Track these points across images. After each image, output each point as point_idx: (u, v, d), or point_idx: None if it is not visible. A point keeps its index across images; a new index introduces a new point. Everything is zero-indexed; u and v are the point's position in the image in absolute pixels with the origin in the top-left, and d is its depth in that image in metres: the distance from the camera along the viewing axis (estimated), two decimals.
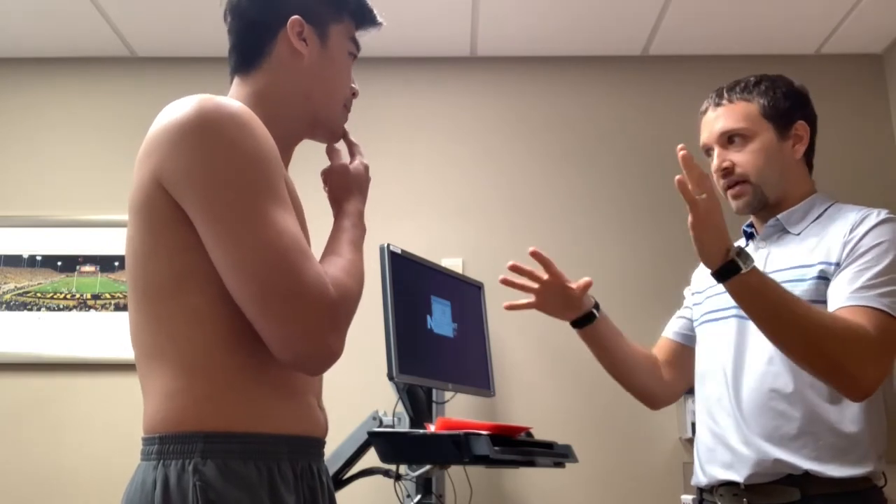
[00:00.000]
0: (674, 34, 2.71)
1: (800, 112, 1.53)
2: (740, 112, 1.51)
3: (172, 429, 0.97)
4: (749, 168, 1.50)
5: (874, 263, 1.36)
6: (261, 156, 0.99)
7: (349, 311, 1.03)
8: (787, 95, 1.53)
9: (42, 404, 2.55)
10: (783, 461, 1.37)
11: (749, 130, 1.50)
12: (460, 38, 2.74)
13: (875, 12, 2.57)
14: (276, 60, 1.15)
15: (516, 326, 2.59)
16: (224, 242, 0.96)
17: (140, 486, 0.96)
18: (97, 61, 2.85)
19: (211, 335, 0.98)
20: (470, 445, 1.36)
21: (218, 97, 1.02)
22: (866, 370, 1.29)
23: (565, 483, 2.46)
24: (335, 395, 2.35)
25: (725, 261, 1.29)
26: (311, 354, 0.97)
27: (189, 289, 0.99)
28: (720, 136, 1.53)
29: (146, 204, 1.01)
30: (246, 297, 0.95)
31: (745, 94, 1.52)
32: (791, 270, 1.44)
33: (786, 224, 1.51)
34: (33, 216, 2.71)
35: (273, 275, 0.94)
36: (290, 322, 0.95)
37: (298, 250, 0.97)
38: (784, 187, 1.52)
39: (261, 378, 1.01)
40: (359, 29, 1.23)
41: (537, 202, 2.72)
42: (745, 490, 1.41)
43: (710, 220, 1.28)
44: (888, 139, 2.76)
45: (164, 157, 0.99)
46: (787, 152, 1.51)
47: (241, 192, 0.96)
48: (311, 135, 1.21)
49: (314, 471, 1.08)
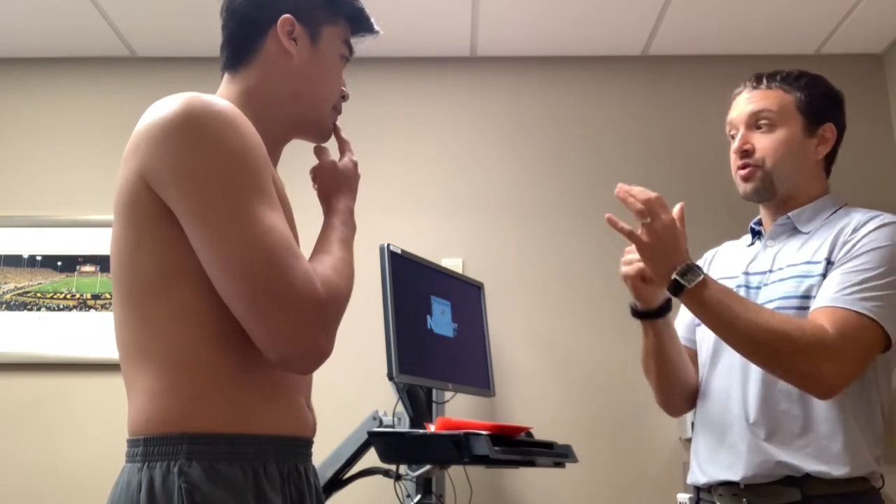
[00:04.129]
0: (674, 34, 2.71)
1: (832, 115, 1.53)
2: (776, 99, 1.52)
3: (157, 430, 0.96)
4: (768, 154, 1.50)
5: (865, 267, 1.36)
6: (247, 154, 0.98)
7: (339, 310, 1.02)
8: (824, 95, 1.53)
9: (42, 404, 2.55)
10: (785, 462, 1.37)
11: (779, 117, 1.50)
12: (460, 38, 2.74)
13: (875, 12, 2.57)
14: (265, 58, 1.14)
15: (516, 326, 2.59)
16: (211, 241, 0.95)
17: (125, 488, 0.95)
18: (97, 61, 2.85)
19: (197, 334, 0.97)
20: (470, 445, 1.36)
21: (205, 95, 1.02)
22: (821, 368, 1.30)
23: (565, 483, 2.46)
24: (335, 395, 2.36)
25: (672, 279, 1.33)
26: (299, 354, 0.97)
27: (175, 287, 0.98)
28: (749, 117, 1.52)
29: (131, 202, 1.00)
30: (233, 295, 0.95)
31: (785, 84, 1.53)
32: (798, 266, 1.44)
33: (796, 222, 1.51)
34: (33, 216, 2.71)
35: (261, 273, 0.93)
36: (278, 321, 0.94)
37: (286, 248, 0.96)
38: (796, 182, 1.51)
39: (248, 377, 1.00)
40: (355, 35, 1.23)
41: (537, 202, 2.72)
42: (745, 490, 1.41)
43: (656, 245, 1.33)
44: (888, 139, 2.76)
45: (150, 154, 0.98)
46: (809, 150, 1.51)
47: (227, 191, 0.96)
48: (299, 135, 1.20)
49: (301, 471, 1.07)
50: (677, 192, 2.81)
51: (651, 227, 1.33)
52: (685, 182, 2.67)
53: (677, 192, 2.81)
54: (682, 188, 2.69)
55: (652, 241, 1.33)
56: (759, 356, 1.36)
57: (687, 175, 2.69)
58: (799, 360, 1.31)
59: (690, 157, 2.72)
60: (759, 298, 1.46)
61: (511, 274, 2.64)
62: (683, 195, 2.71)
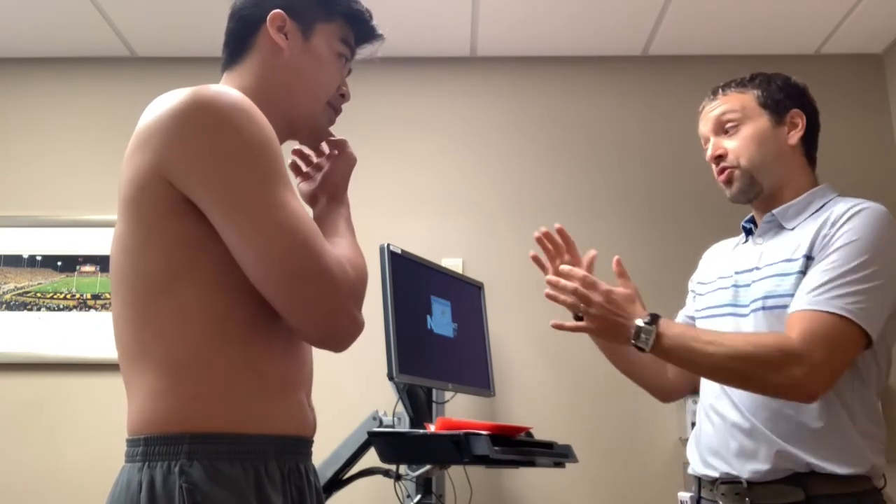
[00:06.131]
0: (674, 34, 2.71)
1: (795, 102, 1.55)
2: (736, 100, 1.55)
3: (158, 430, 0.96)
4: (740, 153, 1.52)
5: (837, 264, 1.35)
6: (265, 141, 0.99)
7: (364, 287, 1.08)
8: (781, 88, 1.55)
9: (42, 404, 2.55)
10: (785, 453, 1.36)
11: (742, 116, 1.53)
12: (460, 38, 2.74)
13: (875, 12, 2.57)
14: (258, 54, 1.15)
15: (516, 326, 2.59)
16: (244, 230, 0.95)
17: (125, 488, 0.95)
18: (97, 61, 2.86)
19: (200, 333, 0.97)
20: (470, 445, 1.36)
21: (213, 85, 1.02)
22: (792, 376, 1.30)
23: (565, 483, 2.46)
24: (335, 395, 2.36)
25: (630, 344, 1.38)
26: (339, 330, 1.02)
27: (181, 284, 0.97)
28: (715, 123, 1.57)
29: (139, 197, 0.99)
30: (272, 281, 0.96)
31: (740, 87, 1.57)
32: (777, 265, 1.45)
33: (781, 219, 1.51)
34: (33, 216, 2.71)
35: (299, 258, 0.96)
36: (320, 301, 0.98)
37: (316, 232, 1.00)
38: (780, 175, 1.52)
39: (250, 376, 1.00)
40: (359, 38, 1.23)
41: (537, 202, 2.72)
42: (748, 490, 1.40)
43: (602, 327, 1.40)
44: (888, 139, 2.76)
45: (165, 147, 0.97)
46: (781, 138, 1.53)
47: (254, 179, 0.97)
48: (293, 133, 1.20)
49: (302, 471, 1.07)
50: (677, 193, 2.83)
51: (589, 314, 1.39)
52: (685, 182, 2.67)
53: (677, 193, 2.83)
54: (681, 188, 2.70)
55: (597, 325, 1.39)
56: (732, 382, 1.41)
57: (687, 175, 2.68)
58: (769, 375, 1.32)
59: (690, 157, 2.71)
60: (748, 297, 1.47)
61: (511, 274, 2.64)
62: (683, 195, 2.74)
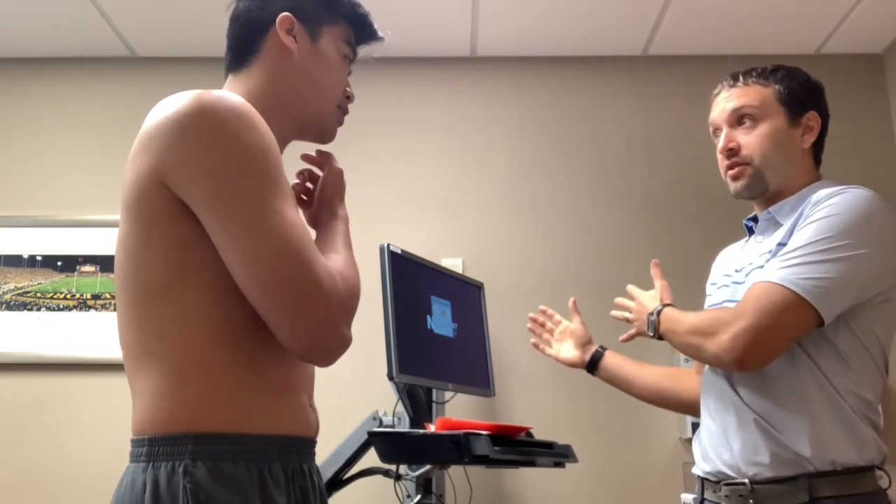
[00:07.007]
0: (674, 34, 2.71)
1: (814, 103, 1.53)
2: (755, 94, 1.52)
3: (162, 430, 0.96)
4: (754, 151, 1.49)
5: (805, 238, 1.35)
6: (264, 148, 0.99)
7: (355, 303, 1.05)
8: (802, 85, 1.53)
9: (42, 404, 2.55)
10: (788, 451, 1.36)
11: (761, 112, 1.50)
12: (460, 38, 2.74)
13: (875, 12, 2.57)
14: (266, 57, 1.15)
15: (516, 326, 2.59)
16: (235, 236, 0.95)
17: (129, 488, 0.95)
18: (97, 61, 2.86)
19: (202, 333, 0.97)
20: (470, 445, 1.37)
21: (216, 91, 1.02)
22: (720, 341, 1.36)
23: (565, 483, 2.46)
24: (335, 395, 2.36)
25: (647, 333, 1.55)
26: (325, 345, 0.99)
27: (182, 286, 0.98)
28: (731, 115, 1.53)
29: (140, 200, 1.00)
30: (260, 289, 0.95)
31: (762, 79, 1.53)
32: (763, 256, 1.45)
33: (777, 215, 1.51)
34: (33, 216, 2.71)
35: (288, 267, 0.95)
36: (305, 314, 0.95)
37: (309, 244, 0.98)
38: (787, 175, 1.51)
39: (252, 377, 1.00)
40: (359, 39, 1.23)
41: (537, 202, 2.72)
42: (752, 491, 1.40)
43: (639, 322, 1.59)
44: (888, 139, 2.76)
45: (165, 150, 0.97)
46: (795, 140, 1.51)
47: (249, 185, 0.96)
48: (301, 134, 1.20)
49: (305, 471, 1.07)
50: (678, 192, 2.83)
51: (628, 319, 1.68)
52: (686, 182, 2.67)
53: (678, 192, 2.83)
54: (682, 188, 2.70)
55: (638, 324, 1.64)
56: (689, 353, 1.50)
57: (687, 175, 2.68)
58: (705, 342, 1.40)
59: (691, 157, 2.72)
60: (742, 292, 1.47)
61: (511, 274, 2.64)
62: (684, 195, 2.74)
